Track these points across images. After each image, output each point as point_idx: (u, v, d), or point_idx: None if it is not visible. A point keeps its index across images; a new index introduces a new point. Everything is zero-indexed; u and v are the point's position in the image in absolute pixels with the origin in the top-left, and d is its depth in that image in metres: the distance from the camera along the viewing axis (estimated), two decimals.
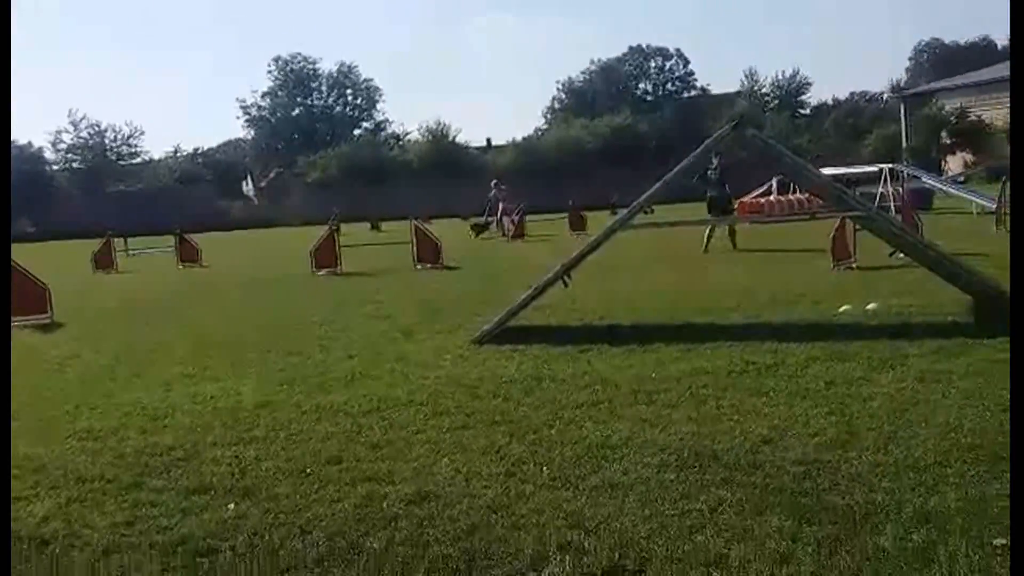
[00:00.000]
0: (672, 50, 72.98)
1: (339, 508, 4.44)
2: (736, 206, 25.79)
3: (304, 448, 5.48)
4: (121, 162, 60.41)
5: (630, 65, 73.22)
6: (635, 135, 55.18)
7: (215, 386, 7.37)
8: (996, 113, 44.80)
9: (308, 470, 5.04)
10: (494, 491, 4.53)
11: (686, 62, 73.11)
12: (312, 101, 71.37)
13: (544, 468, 4.82)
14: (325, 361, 8.22)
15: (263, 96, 70.00)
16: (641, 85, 73.42)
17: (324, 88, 71.66)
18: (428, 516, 4.27)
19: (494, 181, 30.37)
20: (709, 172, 18.14)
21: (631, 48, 73.32)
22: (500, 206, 28.32)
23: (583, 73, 72.72)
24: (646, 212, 13.53)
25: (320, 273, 17.02)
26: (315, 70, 70.95)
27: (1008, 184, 19.73)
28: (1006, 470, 4.28)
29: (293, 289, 15.02)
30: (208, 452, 5.51)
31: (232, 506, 4.55)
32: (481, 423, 5.77)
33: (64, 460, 5.49)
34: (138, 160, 61.37)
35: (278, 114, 70.07)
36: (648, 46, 73.28)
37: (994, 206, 19.33)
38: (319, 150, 58.49)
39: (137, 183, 57.00)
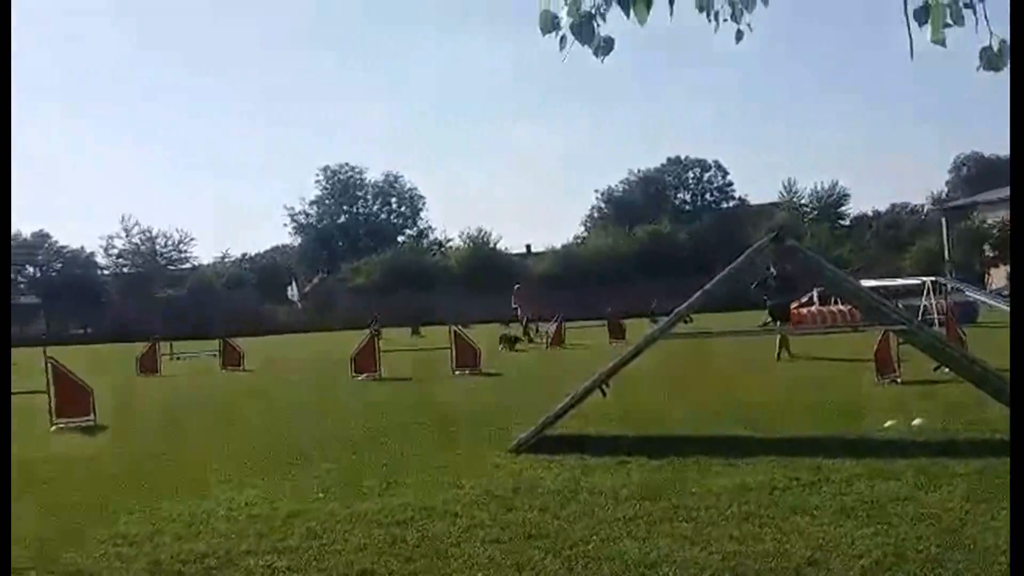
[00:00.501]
0: (711, 161, 74.20)
1: None
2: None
3: (337, 559, 5.42)
4: (170, 267, 62.14)
5: (669, 175, 74.45)
6: (673, 244, 55.63)
7: (251, 493, 7.35)
8: None
9: None
10: None
11: (724, 173, 74.21)
12: (357, 209, 73.29)
13: None
14: (360, 469, 8.18)
15: (310, 204, 72.10)
16: (680, 195, 74.42)
17: (369, 196, 73.68)
18: None
19: (516, 286, 30.86)
20: (769, 280, 18.24)
21: (669, 159, 74.69)
22: (519, 311, 28.87)
23: (622, 183, 73.99)
24: (686, 321, 13.49)
25: (360, 378, 17.11)
26: (362, 179, 73.14)
27: None
28: None
29: (332, 394, 15.09)
30: (242, 561, 5.47)
31: None
32: (517, 536, 5.68)
33: (99, 565, 5.49)
34: (187, 265, 63.06)
35: (324, 221, 71.92)
36: (687, 157, 74.59)
37: None
38: (363, 256, 59.69)
39: (184, 288, 58.40)
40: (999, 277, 46.09)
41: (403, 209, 74.38)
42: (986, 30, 2.22)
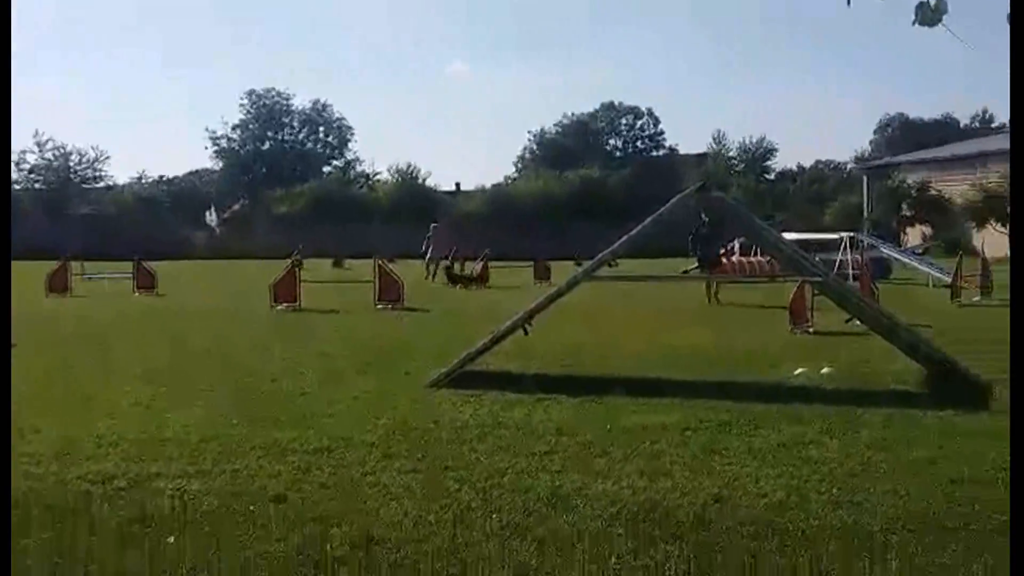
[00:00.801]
0: (643, 109, 74.33)
1: (282, 548, 4.35)
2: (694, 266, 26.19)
3: (249, 484, 5.37)
4: (84, 185, 59.83)
5: (602, 121, 74.39)
6: (603, 189, 55.82)
7: (163, 417, 7.23)
8: (955, 189, 46.00)
9: (252, 507, 4.93)
10: (441, 538, 4.47)
11: (656, 121, 74.49)
12: (283, 136, 71.46)
13: (494, 516, 4.76)
14: (277, 397, 8.11)
15: (234, 128, 69.95)
16: (612, 141, 74.55)
17: (296, 124, 71.82)
18: (373, 561, 4.19)
19: (433, 224, 29.87)
20: (701, 229, 18.72)
21: (603, 105, 74.55)
22: (429, 249, 27.98)
23: (556, 126, 73.71)
24: (611, 265, 13.66)
25: (279, 308, 16.86)
26: (288, 106, 71.14)
27: (962, 258, 20.21)
28: (950, 542, 4.32)
29: (249, 323, 14.85)
30: (151, 483, 5.38)
31: (172, 539, 4.44)
32: (432, 468, 5.71)
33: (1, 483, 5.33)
34: (102, 184, 60.83)
35: (247, 147, 69.98)
36: (620, 104, 74.57)
37: (950, 279, 19.74)
38: (287, 185, 58.40)
39: (98, 207, 56.43)
40: (914, 236, 47.67)
41: (331, 139, 72.77)
42: None
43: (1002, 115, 74.96)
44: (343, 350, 11.16)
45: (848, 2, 2.31)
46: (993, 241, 39.18)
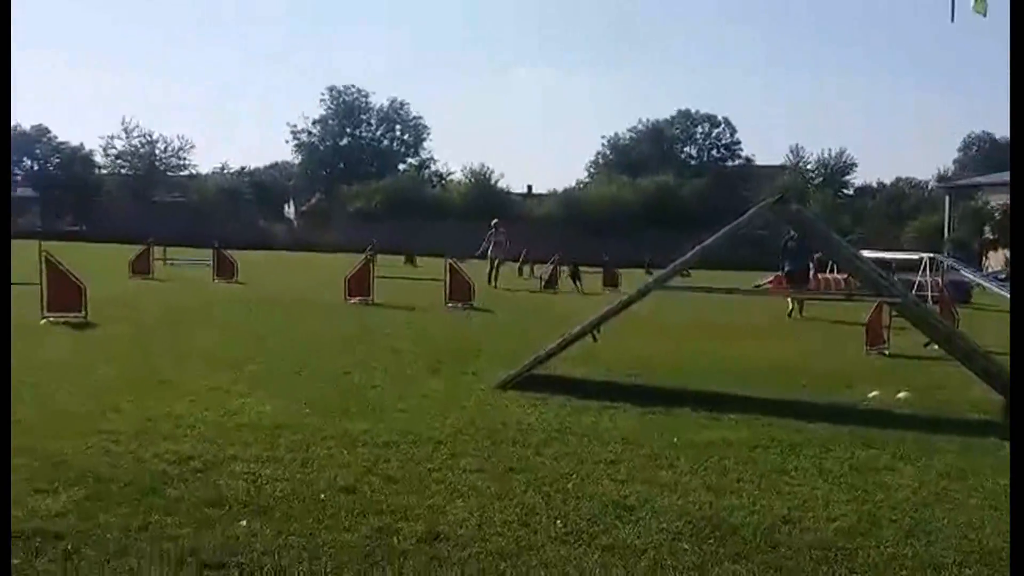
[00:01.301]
0: (720, 118, 73.39)
1: (349, 538, 4.44)
2: (772, 279, 25.82)
3: (321, 474, 5.49)
4: (169, 173, 61.62)
5: (677, 128, 73.68)
6: (676, 198, 55.34)
7: (239, 402, 7.42)
8: None
9: (323, 496, 5.05)
10: (506, 539, 4.51)
11: (733, 131, 73.45)
12: (361, 132, 72.48)
13: (558, 521, 4.79)
14: (349, 389, 8.26)
15: (314, 123, 71.22)
16: (687, 149, 73.79)
17: (374, 121, 72.78)
18: (437, 557, 4.26)
19: (495, 221, 26.21)
20: (789, 244, 18.53)
21: (680, 112, 73.83)
22: (489, 248, 25.24)
23: (630, 131, 73.30)
24: (683, 276, 13.54)
25: (352, 301, 17.13)
26: (367, 103, 72.15)
27: None
28: None
29: (324, 314, 15.12)
30: (226, 466, 5.54)
31: (244, 523, 4.57)
32: (499, 469, 5.75)
33: (85, 458, 5.55)
34: (185, 173, 62.57)
35: (327, 142, 71.18)
36: (697, 111, 73.76)
37: None
38: (363, 181, 59.29)
39: (182, 195, 58.04)
40: (996, 260, 46.15)
41: (407, 137, 73.57)
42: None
43: None
44: (413, 347, 11.30)
45: (952, 18, 2.28)
46: None
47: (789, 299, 18.46)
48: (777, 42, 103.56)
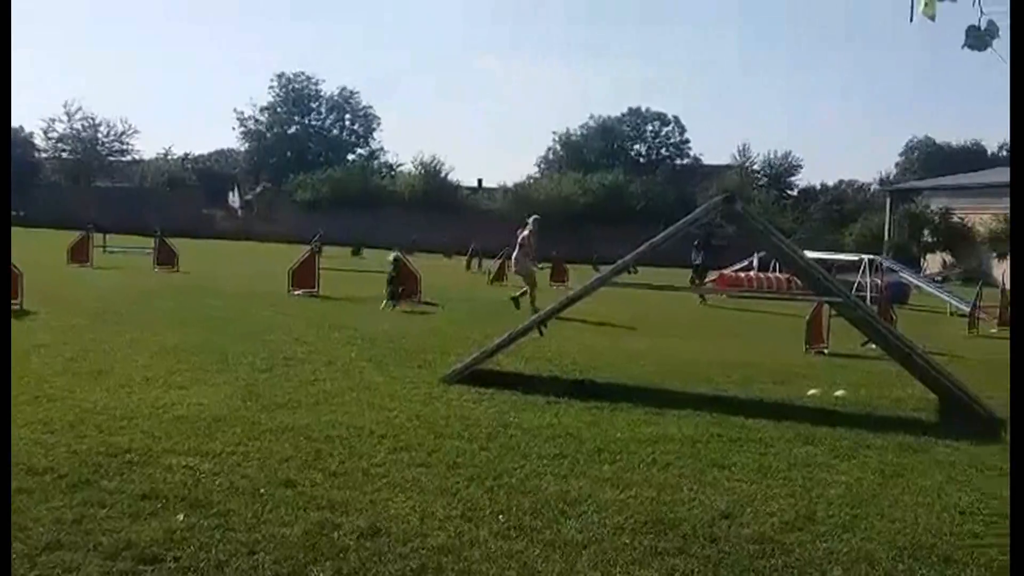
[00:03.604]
0: (671, 116, 74.09)
1: (289, 533, 4.39)
2: (716, 277, 26.20)
3: (260, 467, 5.42)
4: (111, 158, 60.23)
5: (627, 126, 74.21)
6: (626, 195, 55.71)
7: (177, 394, 7.29)
8: (979, 218, 45.67)
9: (262, 490, 4.98)
10: (447, 534, 4.49)
11: (683, 130, 74.22)
12: (310, 121, 71.67)
13: (501, 516, 4.79)
14: (291, 381, 8.16)
15: (262, 110, 70.21)
16: (636, 147, 74.37)
17: (323, 110, 72.01)
18: (378, 552, 4.23)
19: (534, 217, 19.34)
20: (697, 241, 19.34)
21: (630, 109, 74.35)
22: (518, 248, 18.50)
23: (581, 127, 73.62)
24: (630, 272, 13.54)
25: (296, 293, 16.92)
26: (317, 91, 71.35)
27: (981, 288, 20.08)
28: (955, 574, 4.30)
29: (266, 306, 14.91)
30: (163, 459, 5.44)
31: (181, 517, 4.49)
32: (442, 463, 5.73)
33: (17, 449, 5.39)
34: (128, 158, 61.21)
35: (274, 130, 70.24)
36: (647, 109, 74.36)
37: (968, 309, 19.60)
38: (311, 170, 58.61)
39: (124, 181, 56.81)
40: (934, 263, 47.37)
41: (356, 127, 72.88)
42: (971, 9, 2.21)
43: None
44: (358, 339, 11.20)
45: (911, 19, 2.30)
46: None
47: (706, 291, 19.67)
48: (727, 43, 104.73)
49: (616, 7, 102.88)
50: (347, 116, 72.41)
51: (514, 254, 18.43)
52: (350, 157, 69.04)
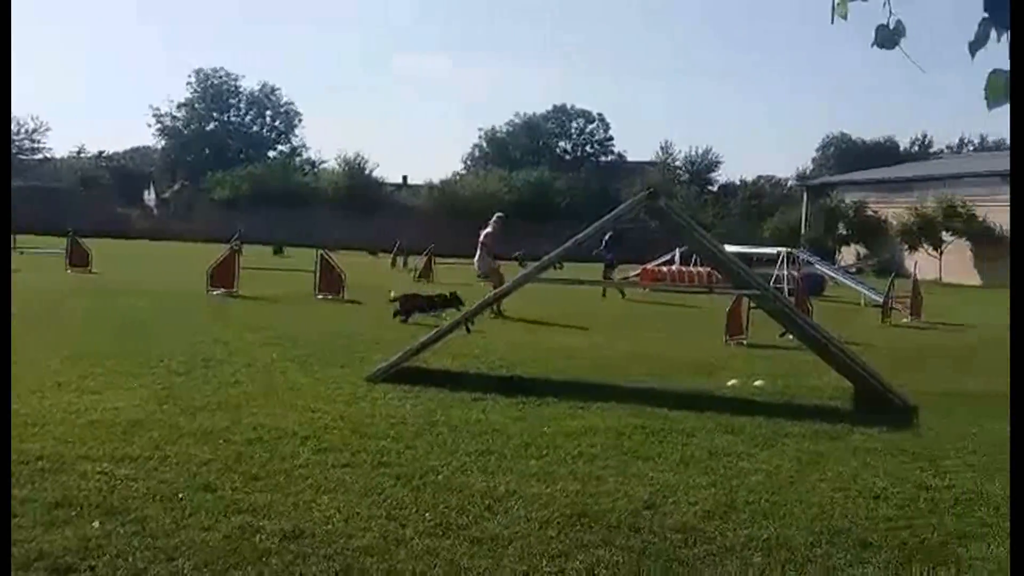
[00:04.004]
0: (595, 114, 74.86)
1: (209, 537, 4.29)
2: (639, 272, 26.58)
3: (179, 472, 5.28)
4: (22, 156, 58.15)
5: (552, 123, 74.73)
6: (551, 191, 56.07)
7: (91, 398, 7.06)
8: (891, 212, 47.24)
9: (181, 495, 4.85)
10: (373, 534, 4.45)
11: (607, 127, 75.11)
12: (229, 117, 70.36)
13: (427, 514, 4.76)
14: (210, 384, 7.98)
15: (179, 107, 68.65)
16: (561, 144, 74.95)
17: (243, 106, 70.76)
18: (301, 554, 4.16)
19: (498, 215, 18.43)
20: (605, 238, 19.98)
21: (555, 107, 74.91)
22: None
23: (506, 124, 73.85)
24: (556, 268, 13.71)
25: (215, 292, 16.57)
26: (236, 87, 70.06)
27: (895, 279, 20.78)
28: (871, 557, 4.44)
29: (184, 306, 14.57)
30: (77, 466, 5.26)
31: (97, 524, 4.35)
32: (367, 463, 5.68)
33: None
34: (40, 157, 59.19)
35: (192, 126, 68.72)
36: (572, 107, 75.00)
37: (881, 299, 20.27)
38: (230, 168, 57.48)
39: (36, 180, 54.90)
40: (849, 255, 48.86)
41: (278, 123, 71.88)
42: (882, 9, 2.27)
43: (940, 141, 77.28)
44: (280, 339, 11.02)
45: (832, 20, 2.35)
46: (925, 264, 40.38)
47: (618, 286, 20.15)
48: (649, 42, 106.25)
49: (539, 6, 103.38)
50: (268, 112, 71.35)
51: (476, 255, 17.20)
52: (271, 154, 68.11)
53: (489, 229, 17.11)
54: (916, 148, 75.23)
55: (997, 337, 16.99)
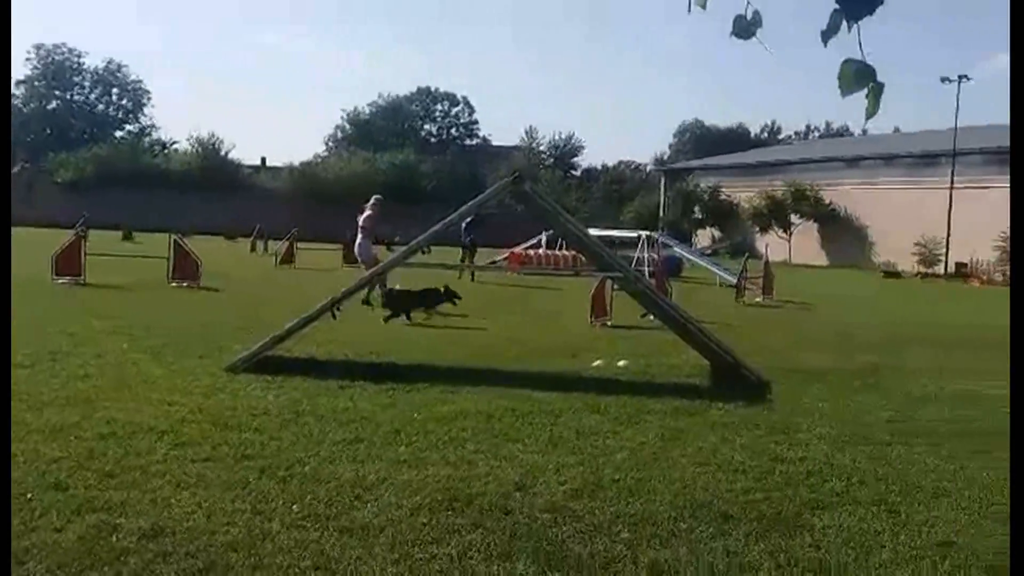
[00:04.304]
0: (460, 96, 74.79)
1: (62, 539, 4.05)
2: (507, 255, 26.79)
3: (27, 470, 4.96)
4: None
5: (417, 105, 74.20)
6: (417, 174, 55.74)
7: None
8: (743, 195, 49.34)
9: (30, 495, 4.56)
10: (237, 529, 4.30)
11: (472, 110, 75.20)
12: (72, 96, 66.53)
13: (294, 506, 4.64)
14: (58, 377, 7.53)
15: (17, 84, 64.31)
16: (427, 126, 74.56)
17: (87, 84, 67.05)
18: (162, 552, 3.98)
19: (376, 197, 16.69)
20: (464, 223, 20.07)
21: (420, 89, 74.41)
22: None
23: (369, 105, 72.82)
24: (424, 252, 13.61)
25: (60, 281, 15.67)
26: (80, 63, 66.29)
27: (748, 260, 21.72)
28: (731, 529, 4.62)
29: (25, 295, 13.68)
30: None
31: None
32: (229, 456, 5.48)
33: None
34: None
35: (32, 105, 64.61)
36: (436, 89, 74.68)
37: (735, 280, 21.16)
38: (74, 149, 54.38)
39: None
40: (704, 237, 50.79)
41: (125, 102, 68.46)
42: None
43: (788, 127, 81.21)
44: (132, 329, 10.52)
45: (689, 9, 2.40)
46: (775, 246, 42.44)
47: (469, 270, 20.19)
48: (512, 28, 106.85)
49: None
50: (114, 91, 67.86)
51: (357, 240, 16.13)
52: (118, 134, 64.86)
53: (368, 212, 15.95)
54: (766, 134, 78.86)
55: (842, 314, 18.08)
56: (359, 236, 15.93)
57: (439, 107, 74.85)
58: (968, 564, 4.27)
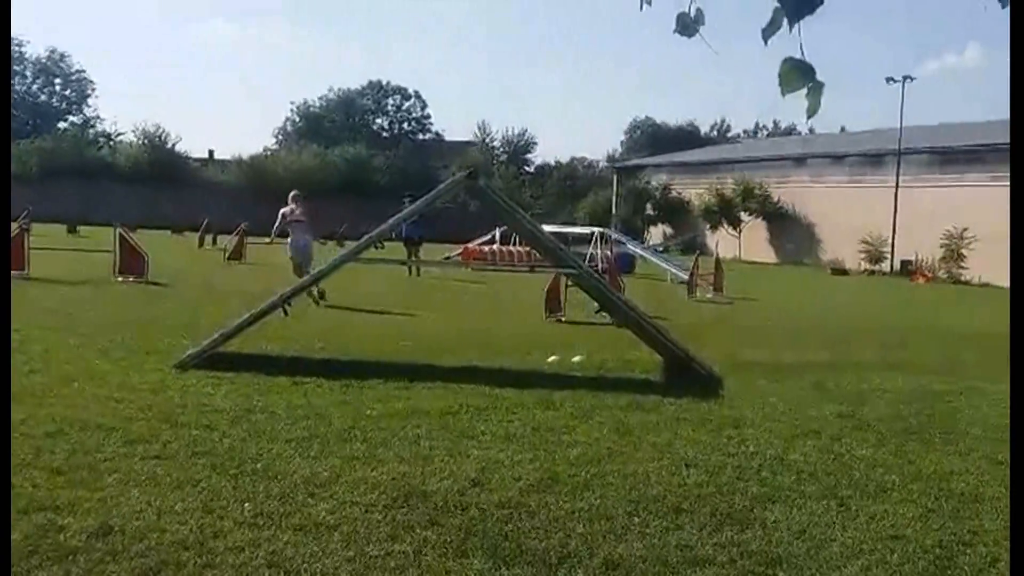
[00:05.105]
0: (411, 91, 74.39)
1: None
2: (461, 251, 26.75)
3: None
4: None
5: (368, 99, 73.64)
6: (369, 169, 55.32)
7: None
8: (694, 192, 49.85)
9: None
10: (188, 527, 4.24)
11: (424, 105, 74.84)
12: (13, 86, 64.74)
13: (246, 504, 4.58)
14: None
15: None
16: (378, 121, 74.04)
17: (29, 73, 65.39)
18: (111, 551, 3.91)
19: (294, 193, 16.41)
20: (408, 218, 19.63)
21: (371, 82, 73.85)
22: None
23: (320, 99, 72.11)
24: (377, 247, 13.47)
25: None
26: (20, 52, 64.55)
27: (700, 257, 21.95)
28: (684, 523, 4.67)
29: None
30: None
31: None
32: (179, 454, 5.40)
33: None
34: None
35: None
36: (388, 83, 74.20)
37: (687, 276, 21.37)
38: (15, 140, 52.98)
39: None
40: (656, 234, 51.21)
41: (68, 92, 66.91)
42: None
43: (737, 126, 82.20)
44: (78, 325, 10.30)
45: (641, 7, 2.41)
46: (726, 243, 42.98)
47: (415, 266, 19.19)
48: (467, 21, 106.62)
49: None
50: (57, 80, 66.27)
51: (302, 238, 15.39)
52: (61, 125, 63.35)
53: (299, 208, 15.40)
54: (715, 133, 79.73)
55: (792, 310, 18.36)
56: (304, 234, 15.36)
57: (391, 101, 74.38)
58: (915, 557, 4.37)
